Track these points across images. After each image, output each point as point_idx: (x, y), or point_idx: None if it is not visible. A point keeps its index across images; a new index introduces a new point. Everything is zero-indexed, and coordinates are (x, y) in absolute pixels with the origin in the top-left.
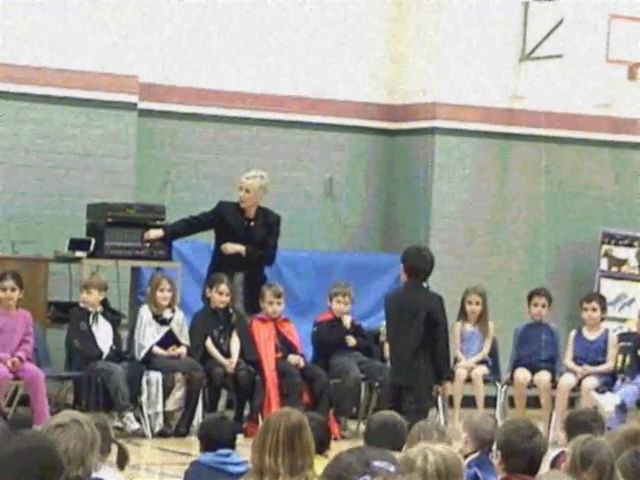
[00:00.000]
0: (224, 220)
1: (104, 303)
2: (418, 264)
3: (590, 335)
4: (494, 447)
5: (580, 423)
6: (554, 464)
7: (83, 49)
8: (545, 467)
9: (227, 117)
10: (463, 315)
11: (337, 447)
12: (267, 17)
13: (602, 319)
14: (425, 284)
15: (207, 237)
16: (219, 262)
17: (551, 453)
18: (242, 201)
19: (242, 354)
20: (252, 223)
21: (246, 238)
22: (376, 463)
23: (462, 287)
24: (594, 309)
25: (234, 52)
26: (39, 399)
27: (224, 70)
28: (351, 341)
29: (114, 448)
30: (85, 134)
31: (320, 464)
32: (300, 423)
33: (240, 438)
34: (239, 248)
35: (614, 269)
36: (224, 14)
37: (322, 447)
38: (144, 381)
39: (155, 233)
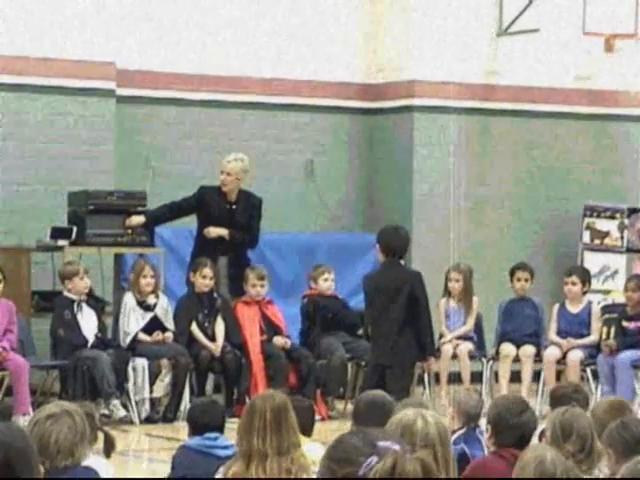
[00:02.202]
0: (206, 204)
1: (88, 291)
2: (394, 242)
3: (573, 308)
4: (481, 422)
5: (562, 397)
6: (540, 438)
7: (60, 37)
8: (534, 441)
9: (206, 101)
10: (447, 292)
11: (326, 428)
12: (244, 0)
13: (585, 292)
14: (402, 262)
15: (189, 222)
16: (202, 246)
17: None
18: (223, 185)
19: (227, 337)
20: (234, 206)
21: (228, 222)
22: (381, 443)
23: (445, 265)
24: (574, 283)
25: (212, 36)
26: (21, 389)
27: (202, 54)
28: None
29: (100, 436)
30: (64, 122)
31: (305, 445)
32: (284, 404)
33: (230, 422)
34: (222, 232)
35: (597, 242)
36: None
37: (309, 429)
38: (130, 368)
39: (137, 219)
